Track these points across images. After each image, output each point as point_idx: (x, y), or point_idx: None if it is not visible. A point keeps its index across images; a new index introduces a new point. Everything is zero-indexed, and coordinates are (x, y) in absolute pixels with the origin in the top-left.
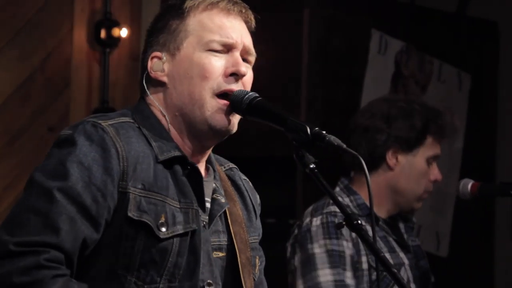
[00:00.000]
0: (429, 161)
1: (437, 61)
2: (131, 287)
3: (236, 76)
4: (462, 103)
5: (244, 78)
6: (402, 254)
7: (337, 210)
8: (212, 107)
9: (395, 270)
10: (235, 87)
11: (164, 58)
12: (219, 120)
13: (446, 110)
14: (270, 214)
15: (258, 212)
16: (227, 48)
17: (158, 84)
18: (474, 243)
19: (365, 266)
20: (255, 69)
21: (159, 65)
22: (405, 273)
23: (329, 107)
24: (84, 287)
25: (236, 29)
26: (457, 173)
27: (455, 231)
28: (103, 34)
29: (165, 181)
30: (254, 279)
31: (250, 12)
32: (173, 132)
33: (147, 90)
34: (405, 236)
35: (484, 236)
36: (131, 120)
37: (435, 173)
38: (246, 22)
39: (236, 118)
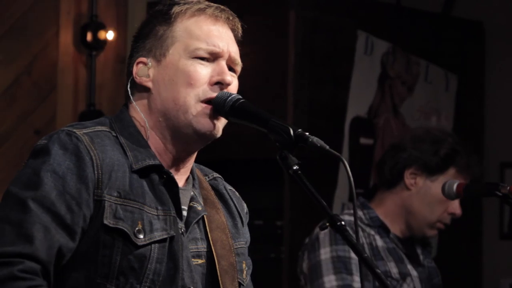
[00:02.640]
0: None
1: (424, 62)
2: None
3: (221, 85)
4: (449, 104)
5: (229, 87)
6: (410, 266)
7: (346, 219)
8: (197, 111)
9: (379, 271)
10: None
11: (150, 63)
12: (203, 124)
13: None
14: (257, 216)
15: (246, 220)
16: (213, 57)
17: (143, 90)
18: (462, 243)
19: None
20: (242, 71)
21: (144, 70)
22: (411, 283)
23: (315, 108)
24: None
25: (223, 38)
26: None
27: (443, 232)
28: (89, 37)
29: (141, 189)
30: (242, 284)
31: (237, 20)
32: (154, 140)
33: (130, 95)
34: (421, 257)
35: (472, 236)
36: (107, 129)
37: (454, 206)
38: (233, 31)
39: (221, 123)
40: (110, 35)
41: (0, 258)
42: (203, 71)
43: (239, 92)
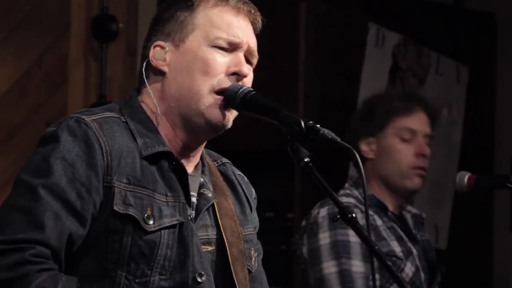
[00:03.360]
0: (403, 138)
1: (435, 54)
2: (122, 282)
3: (238, 76)
4: (460, 96)
5: (245, 79)
6: (410, 244)
7: (345, 201)
8: (209, 102)
9: (389, 263)
10: None
11: (167, 48)
12: (215, 114)
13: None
14: (268, 208)
15: (254, 206)
16: (232, 47)
17: (158, 73)
18: (473, 235)
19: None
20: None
21: (161, 54)
22: (414, 262)
23: (326, 101)
24: (73, 280)
25: (244, 29)
26: (456, 166)
27: (454, 224)
28: (100, 29)
29: (151, 175)
30: (251, 271)
31: (258, 14)
32: (164, 126)
33: (145, 78)
34: (414, 230)
35: (483, 228)
36: (117, 115)
37: (419, 147)
38: (253, 24)
39: (232, 114)
40: (120, 27)
41: (11, 245)
42: (221, 60)
43: (250, 85)
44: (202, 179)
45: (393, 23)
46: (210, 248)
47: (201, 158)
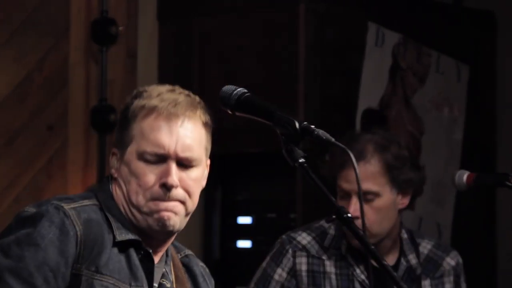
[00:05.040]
0: None
1: (435, 53)
2: None
3: (166, 187)
4: (461, 94)
5: (183, 183)
6: None
7: (303, 243)
8: (149, 209)
9: (386, 262)
10: (170, 194)
11: (117, 156)
12: (155, 220)
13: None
14: (270, 209)
15: None
16: (160, 158)
17: (113, 178)
18: (476, 233)
19: None
20: (253, 65)
21: (114, 162)
22: None
23: (326, 101)
24: None
25: (173, 136)
26: (457, 164)
27: (456, 222)
28: (99, 32)
29: (118, 264)
30: None
31: (198, 108)
32: (128, 218)
33: (109, 181)
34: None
35: (486, 226)
36: (95, 203)
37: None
38: (193, 121)
39: (179, 217)
40: (120, 30)
41: None
42: (150, 174)
43: (249, 86)
44: (164, 270)
45: (393, 22)
46: None
47: (166, 249)
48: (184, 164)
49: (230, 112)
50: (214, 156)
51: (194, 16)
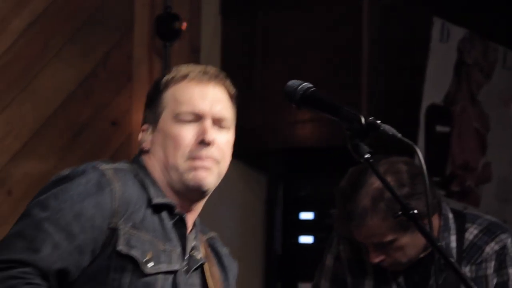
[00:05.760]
0: None
1: (502, 48)
2: None
3: (204, 144)
4: None
5: (218, 142)
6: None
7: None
8: (186, 167)
9: (452, 260)
10: (206, 152)
11: (149, 130)
12: (191, 178)
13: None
14: (333, 205)
15: (235, 280)
16: (197, 118)
17: (145, 152)
18: None
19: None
20: (316, 59)
21: (145, 136)
22: None
23: (390, 97)
24: None
25: (206, 98)
26: None
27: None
28: (163, 28)
29: (154, 224)
30: None
31: (222, 76)
32: (161, 187)
33: (140, 157)
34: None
35: None
36: (130, 169)
37: None
38: (220, 88)
39: (212, 176)
40: (184, 25)
41: (4, 264)
42: (187, 133)
43: (312, 81)
44: (194, 242)
45: (458, 17)
46: None
47: (195, 226)
48: (218, 124)
49: (295, 107)
50: (277, 152)
51: (257, 11)
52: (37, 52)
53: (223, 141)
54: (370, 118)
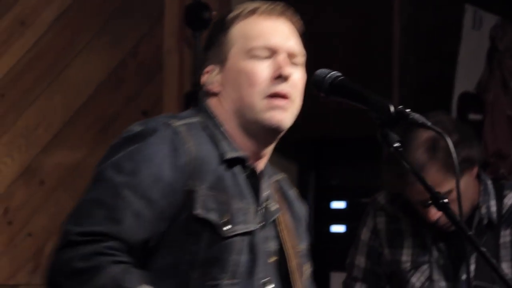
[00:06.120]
0: None
1: None
2: (194, 283)
3: (281, 78)
4: None
5: (292, 79)
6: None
7: (382, 202)
8: (261, 107)
9: (484, 249)
10: (283, 87)
11: (215, 71)
12: (268, 117)
13: None
14: (364, 194)
15: (306, 222)
16: (271, 53)
17: (212, 95)
18: None
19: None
20: (347, 48)
21: (211, 78)
22: (425, 272)
23: (422, 85)
24: (146, 275)
25: (278, 32)
26: None
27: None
28: (193, 17)
29: (228, 181)
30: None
31: (290, 12)
32: (232, 135)
33: (205, 104)
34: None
35: None
36: (200, 121)
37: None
38: (290, 23)
39: (288, 116)
40: (213, 15)
41: (88, 237)
42: (262, 69)
43: (343, 70)
44: (268, 191)
45: (491, 4)
46: (272, 259)
47: (266, 170)
48: (292, 60)
49: (323, 96)
50: (308, 141)
51: (287, 1)
52: (67, 44)
53: (298, 77)
54: (400, 106)
